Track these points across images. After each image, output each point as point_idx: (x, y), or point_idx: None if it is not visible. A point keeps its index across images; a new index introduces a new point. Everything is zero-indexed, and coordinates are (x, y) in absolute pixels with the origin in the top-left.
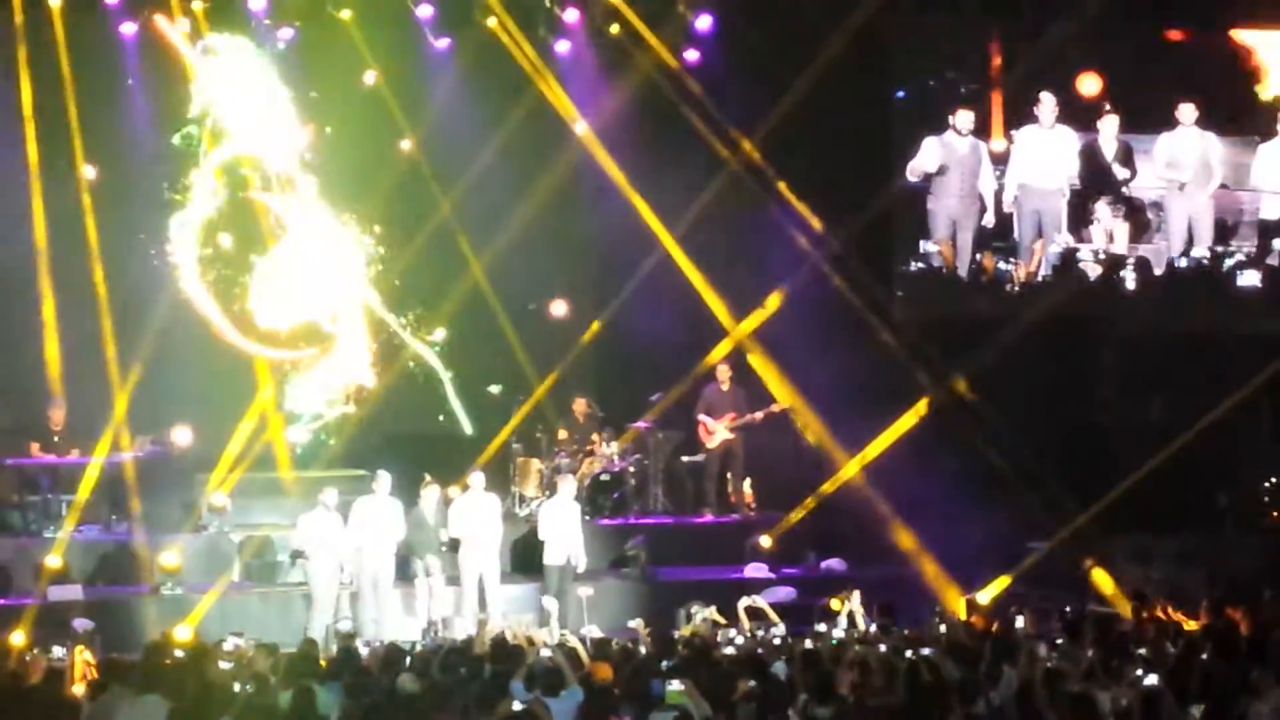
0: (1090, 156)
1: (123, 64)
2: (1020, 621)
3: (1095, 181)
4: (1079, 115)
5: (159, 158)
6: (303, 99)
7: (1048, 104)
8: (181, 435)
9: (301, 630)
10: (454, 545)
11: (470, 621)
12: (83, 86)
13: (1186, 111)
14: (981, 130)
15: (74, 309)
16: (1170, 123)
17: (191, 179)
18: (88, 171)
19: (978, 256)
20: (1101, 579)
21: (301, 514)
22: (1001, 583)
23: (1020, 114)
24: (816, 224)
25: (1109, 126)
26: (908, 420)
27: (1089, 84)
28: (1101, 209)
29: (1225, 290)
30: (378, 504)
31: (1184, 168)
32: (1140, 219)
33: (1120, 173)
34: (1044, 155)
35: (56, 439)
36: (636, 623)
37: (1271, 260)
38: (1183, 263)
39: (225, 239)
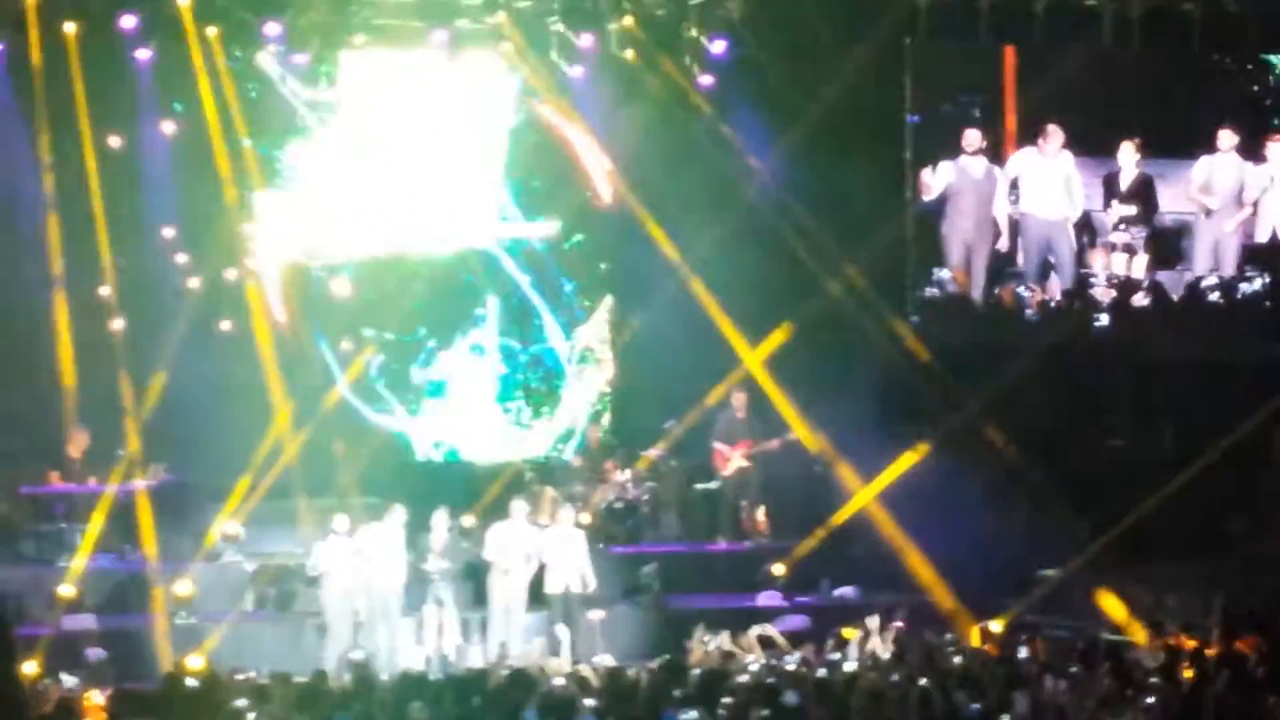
0: (1110, 184)
1: (138, 88)
2: (1032, 650)
3: (1116, 207)
4: (1098, 140)
5: (173, 181)
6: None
7: (1055, 136)
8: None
9: (314, 659)
10: (469, 573)
11: (491, 649)
12: (98, 111)
13: (1225, 138)
14: (995, 154)
15: (89, 337)
16: (1192, 149)
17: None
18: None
19: (996, 290)
20: (1113, 606)
21: (316, 542)
22: (1014, 611)
23: (1035, 137)
24: (830, 249)
25: (1128, 152)
26: (918, 452)
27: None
28: (1120, 236)
29: (1239, 316)
30: (386, 533)
31: (1218, 194)
32: (1159, 245)
33: (1125, 210)
34: (1047, 184)
35: (78, 467)
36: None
37: None
38: (1204, 287)
39: None
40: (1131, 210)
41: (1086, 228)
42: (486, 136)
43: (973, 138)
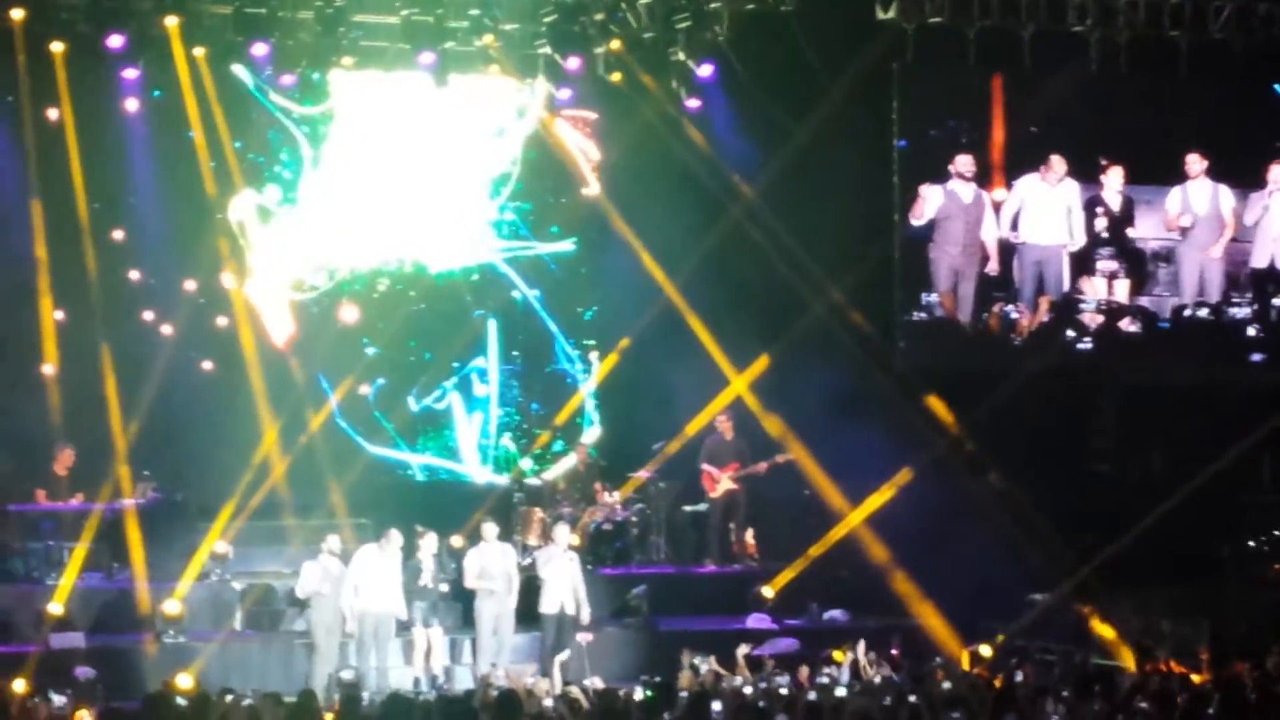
0: (1095, 208)
1: (123, 108)
2: (1023, 674)
3: (1100, 233)
4: (1084, 166)
5: (160, 202)
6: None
7: (1059, 166)
8: None
9: (303, 679)
10: (457, 594)
11: (481, 670)
12: (85, 131)
13: (1194, 162)
14: (983, 179)
15: (77, 357)
16: (1178, 175)
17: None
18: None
19: (984, 316)
20: (1103, 630)
21: (305, 562)
22: (1004, 635)
23: (1022, 163)
24: (817, 273)
25: (1114, 178)
26: (906, 476)
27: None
28: (1104, 262)
29: (1226, 342)
30: (382, 555)
31: (1195, 221)
32: (1142, 271)
33: (1105, 230)
34: (1047, 210)
35: (64, 485)
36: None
37: (1271, 312)
38: (1190, 312)
39: None
40: (1112, 230)
41: (1080, 255)
42: (487, 151)
43: (965, 162)
